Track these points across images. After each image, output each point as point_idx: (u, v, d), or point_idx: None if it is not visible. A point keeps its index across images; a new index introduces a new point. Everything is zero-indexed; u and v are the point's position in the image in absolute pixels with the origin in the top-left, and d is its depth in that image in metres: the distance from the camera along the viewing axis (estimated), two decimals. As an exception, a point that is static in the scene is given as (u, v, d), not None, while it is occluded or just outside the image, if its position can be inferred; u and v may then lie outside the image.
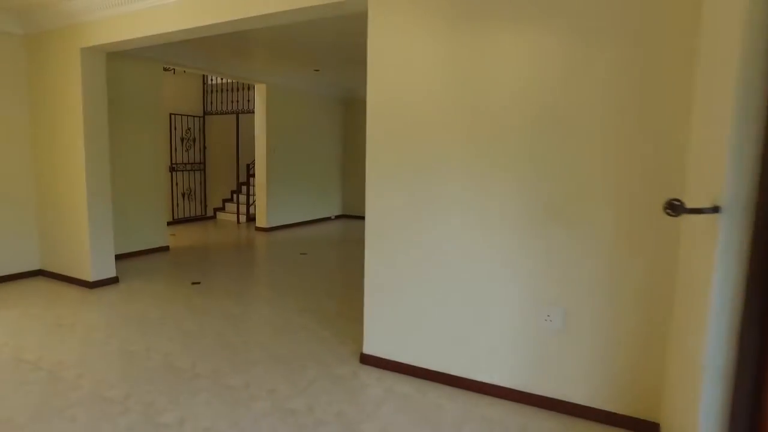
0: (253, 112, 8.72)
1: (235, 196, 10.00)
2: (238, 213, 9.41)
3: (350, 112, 10.33)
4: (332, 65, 7.49)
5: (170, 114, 8.68)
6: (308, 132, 9.42)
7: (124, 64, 5.99)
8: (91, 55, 4.68)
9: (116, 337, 3.65)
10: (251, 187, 9.60)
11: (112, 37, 4.39)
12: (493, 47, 2.76)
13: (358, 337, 3.74)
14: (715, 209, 1.69)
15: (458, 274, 2.97)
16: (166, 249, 6.68)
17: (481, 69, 2.81)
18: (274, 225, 8.64)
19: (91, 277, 4.84)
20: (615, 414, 2.61)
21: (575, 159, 2.59)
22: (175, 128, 8.85)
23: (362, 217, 10.88)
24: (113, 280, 5.03)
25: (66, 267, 5.06)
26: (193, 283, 5.13)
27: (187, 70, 7.90)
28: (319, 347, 3.59)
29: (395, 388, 2.99)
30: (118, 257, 5.81)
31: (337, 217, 10.49)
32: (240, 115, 9.26)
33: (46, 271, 5.25)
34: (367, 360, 3.31)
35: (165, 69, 7.58)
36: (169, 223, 8.57)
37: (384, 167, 3.26)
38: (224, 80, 9.29)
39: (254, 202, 9.40)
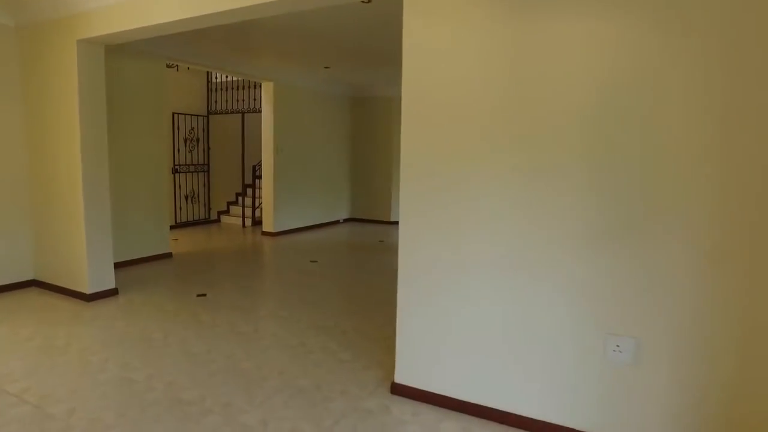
0: (260, 112, 8.32)
1: (240, 198, 9.60)
2: (243, 216, 9.01)
3: (359, 111, 9.93)
4: (343, 62, 7.09)
5: (173, 113, 8.27)
6: (316, 132, 9.02)
7: (124, 60, 5.59)
8: (89, 49, 4.27)
9: (114, 362, 3.24)
10: (257, 190, 9.20)
11: (110, 28, 3.98)
12: (555, 39, 2.35)
13: (384, 360, 3.34)
14: None
15: (509, 294, 2.56)
16: (168, 256, 6.27)
17: (540, 63, 2.40)
18: (281, 230, 8.24)
19: (87, 289, 4.43)
20: (701, 465, 2.21)
21: (656, 166, 2.18)
22: (178, 128, 8.45)
23: (372, 221, 10.66)
24: (112, 292, 4.63)
25: (61, 277, 4.66)
26: (199, 296, 4.73)
27: (191, 66, 7.50)
28: (341, 373, 3.18)
29: (438, 425, 2.58)
30: (118, 265, 5.41)
31: (346, 220, 10.09)
32: (246, 114, 8.86)
33: (40, 282, 4.84)
34: (400, 390, 2.90)
35: (168, 66, 7.17)
36: (171, 227, 8.18)
37: (420, 173, 2.85)
38: (229, 78, 8.89)
39: (260, 205, 9.00)
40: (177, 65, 7.75)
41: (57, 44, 4.33)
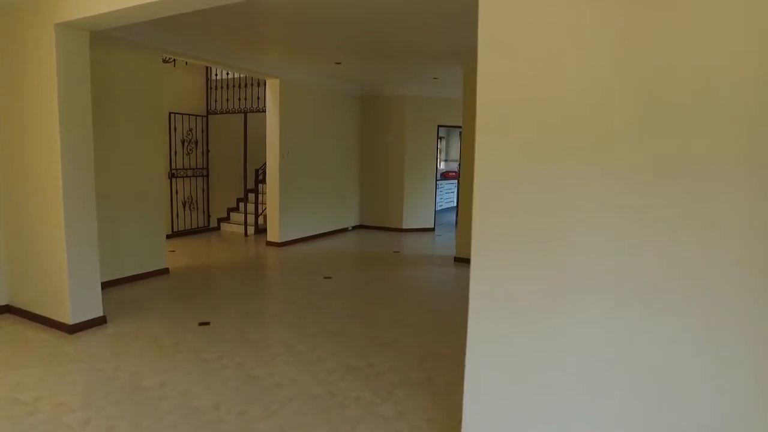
0: (263, 111, 7.61)
1: (241, 205, 8.88)
2: (245, 224, 8.29)
3: (370, 111, 9.23)
4: (357, 56, 6.40)
5: (170, 113, 7.55)
6: (324, 133, 8.32)
7: (115, 52, 4.87)
8: (69, 34, 3.56)
9: (96, 426, 2.53)
10: (260, 195, 8.49)
11: (94, 10, 3.28)
12: (696, 19, 1.68)
13: (436, 418, 2.64)
14: None
15: (638, 339, 1.88)
16: (165, 272, 5.55)
17: (672, 49, 1.73)
18: (287, 239, 7.53)
19: (70, 319, 3.71)
20: None
21: None
22: (175, 129, 7.73)
23: (382, 228, 9.92)
24: (99, 321, 3.91)
25: (39, 304, 3.93)
26: (201, 324, 4.02)
27: (189, 61, 6.78)
28: (386, 440, 2.49)
29: None
30: (106, 285, 4.71)
31: (355, 228, 9.39)
32: (248, 114, 8.15)
33: (15, 309, 4.11)
34: (469, 471, 2.21)
35: (164, 61, 6.47)
36: (167, 237, 7.46)
37: (503, 172, 2.17)
38: (231, 75, 8.17)
39: (263, 211, 8.29)
40: (174, 60, 7.03)
41: (32, 28, 3.62)
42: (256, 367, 3.24)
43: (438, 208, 10.50)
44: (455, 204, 13.67)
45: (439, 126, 9.19)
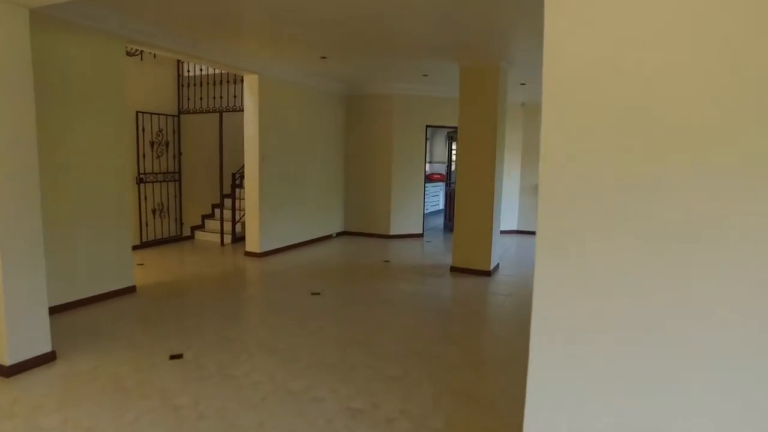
0: (241, 110, 6.96)
1: (217, 212, 8.19)
2: (221, 233, 7.60)
3: (355, 110, 8.64)
4: (345, 50, 5.82)
5: (137, 112, 6.83)
6: (308, 134, 7.70)
7: (69, 38, 4.18)
8: (2, 10, 2.90)
9: None
10: (238, 201, 7.82)
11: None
12: None
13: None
14: None
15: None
16: (131, 291, 4.86)
17: None
18: (268, 249, 6.89)
19: (6, 359, 3.03)
20: None
21: None
22: (143, 130, 7.00)
23: (368, 235, 9.21)
24: (46, 358, 3.23)
25: (-28, 338, 3.24)
26: (172, 357, 3.37)
27: (158, 53, 6.08)
28: None
29: None
30: (60, 310, 4.04)
31: (339, 234, 8.78)
32: (224, 113, 7.48)
33: (-56, 342, 3.40)
34: None
35: (129, 54, 5.78)
36: (135, 248, 6.75)
37: (578, 188, 1.63)
38: (205, 71, 7.49)
39: (241, 218, 7.63)
40: (140, 52, 6.31)
41: (-41, 4, 2.94)
42: (242, 416, 2.63)
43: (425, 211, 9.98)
44: (442, 207, 13.20)
45: (427, 126, 8.68)
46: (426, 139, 8.76)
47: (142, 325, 4.05)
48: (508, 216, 9.04)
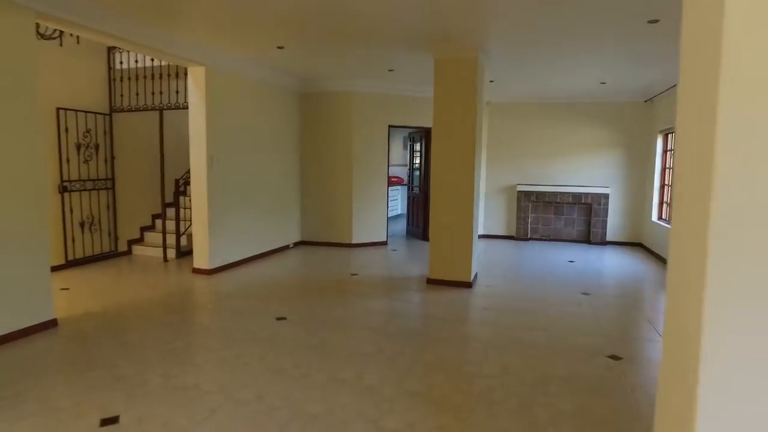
0: (185, 108, 6.06)
1: (159, 223, 7.18)
2: (164, 247, 6.62)
3: (312, 109, 7.87)
4: (303, 38, 5.10)
5: (58, 108, 5.77)
6: (261, 135, 6.88)
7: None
8: None
9: None
10: (183, 210, 6.87)
11: None
12: None
13: None
14: None
15: None
16: (51, 325, 3.90)
17: None
18: (219, 264, 6.01)
19: None
20: None
21: None
22: (67, 130, 5.93)
23: (328, 244, 8.29)
24: None
25: None
26: (106, 423, 2.53)
27: (81, 34, 5.06)
28: None
29: None
30: (-50, 363, 3.08)
31: (297, 244, 7.99)
32: (165, 111, 6.52)
33: None
34: None
35: (43, 36, 4.77)
36: (58, 269, 5.71)
37: None
38: (141, 63, 6.49)
39: (187, 229, 6.70)
40: (59, 34, 5.25)
41: None
42: None
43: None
44: (401, 212, 12.63)
45: (390, 127, 8.06)
46: (389, 140, 8.14)
47: (64, 375, 3.14)
48: None
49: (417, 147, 9.04)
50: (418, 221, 8.92)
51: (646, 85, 7.40)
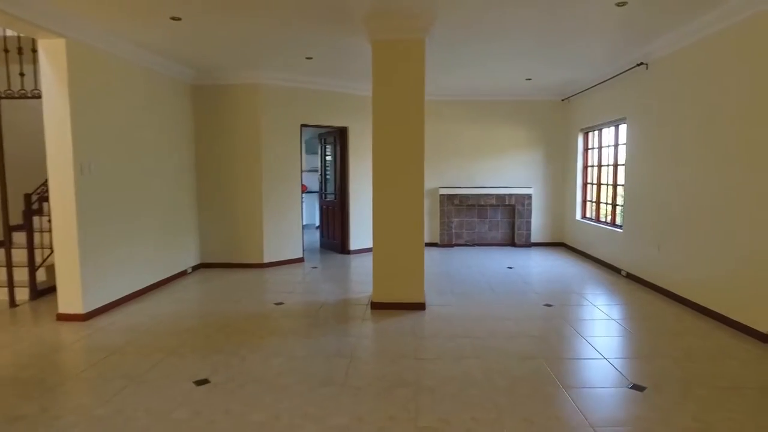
0: (36, 97, 4.43)
1: (2, 253, 5.32)
2: (10, 286, 4.82)
3: (209, 104, 6.45)
4: (206, 7, 3.89)
5: None
6: (147, 137, 5.38)
7: None
8: None
9: None
10: (40, 234, 5.13)
11: None
12: None
13: None
14: None
15: None
16: None
17: None
18: (99, 305, 4.48)
19: None
20: None
21: None
22: None
23: (235, 265, 6.70)
24: None
25: None
26: None
27: None
28: None
29: None
30: None
31: (196, 268, 6.53)
32: (2, 100, 4.76)
33: None
34: None
35: None
36: None
37: None
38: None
39: (46, 260, 5.01)
40: None
41: None
42: None
43: (298, 230, 8.16)
44: (316, 222, 11.44)
45: (302, 126, 6.95)
46: (301, 141, 7.03)
47: None
48: None
49: (330, 149, 8.02)
50: (335, 232, 7.90)
51: (564, 84, 7.19)
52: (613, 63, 5.88)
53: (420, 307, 4.63)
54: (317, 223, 11.50)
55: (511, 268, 6.56)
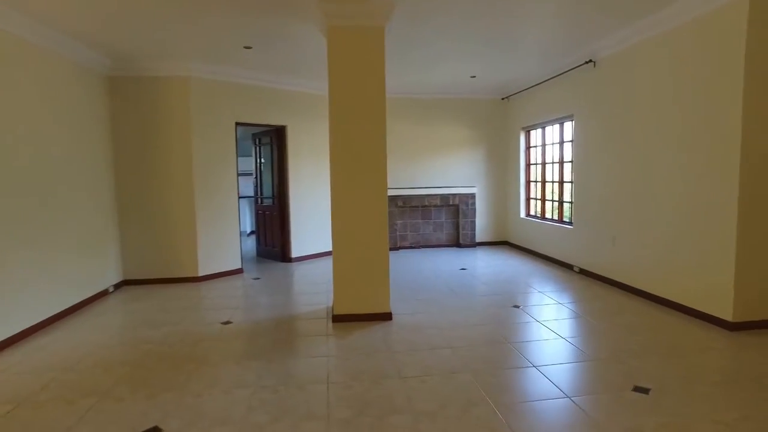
0: None
1: None
2: None
3: (129, 98, 5.59)
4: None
5: None
6: (50, 136, 4.51)
7: None
8: None
9: None
10: None
11: None
12: None
13: None
14: None
15: None
16: None
17: None
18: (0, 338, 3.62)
19: None
20: None
21: None
22: None
23: (166, 281, 5.86)
24: None
25: None
26: None
27: None
28: None
29: None
30: None
31: (119, 286, 5.64)
32: None
33: None
34: None
35: None
36: None
37: None
38: None
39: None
40: None
41: None
42: None
43: (233, 238, 7.43)
44: (248, 229, 10.64)
45: (237, 124, 6.30)
46: (237, 141, 6.37)
47: None
48: (320, 233, 7.30)
49: (266, 150, 7.39)
50: (273, 239, 7.28)
51: (508, 82, 7.14)
52: (561, 60, 5.88)
53: (387, 317, 4.24)
54: (249, 230, 10.75)
55: (464, 269, 6.36)
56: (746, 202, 3.65)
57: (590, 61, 5.40)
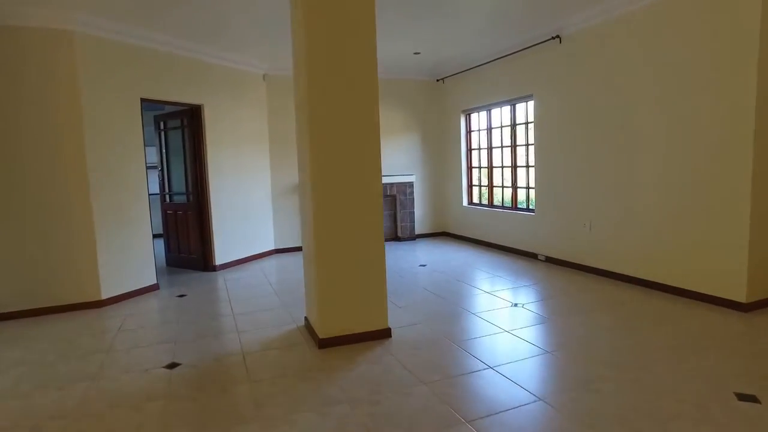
0: None
1: None
2: None
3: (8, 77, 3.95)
4: None
5: None
6: None
7: None
8: None
9: None
10: None
11: None
12: None
13: None
14: None
15: None
16: None
17: None
18: None
19: None
20: None
21: None
22: None
23: (54, 310, 4.09)
24: None
25: None
26: None
27: None
28: None
29: None
30: None
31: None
32: None
33: None
34: None
35: None
36: None
37: None
38: None
39: None
40: None
41: None
42: None
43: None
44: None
45: (143, 101, 4.83)
46: (143, 122, 4.88)
47: None
48: (249, 234, 6.18)
49: (175, 136, 5.91)
50: (190, 244, 5.88)
51: (446, 60, 6.54)
52: (520, 36, 5.40)
53: (385, 334, 3.36)
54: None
55: (423, 265, 5.65)
56: (760, 178, 3.45)
57: (556, 36, 4.99)
